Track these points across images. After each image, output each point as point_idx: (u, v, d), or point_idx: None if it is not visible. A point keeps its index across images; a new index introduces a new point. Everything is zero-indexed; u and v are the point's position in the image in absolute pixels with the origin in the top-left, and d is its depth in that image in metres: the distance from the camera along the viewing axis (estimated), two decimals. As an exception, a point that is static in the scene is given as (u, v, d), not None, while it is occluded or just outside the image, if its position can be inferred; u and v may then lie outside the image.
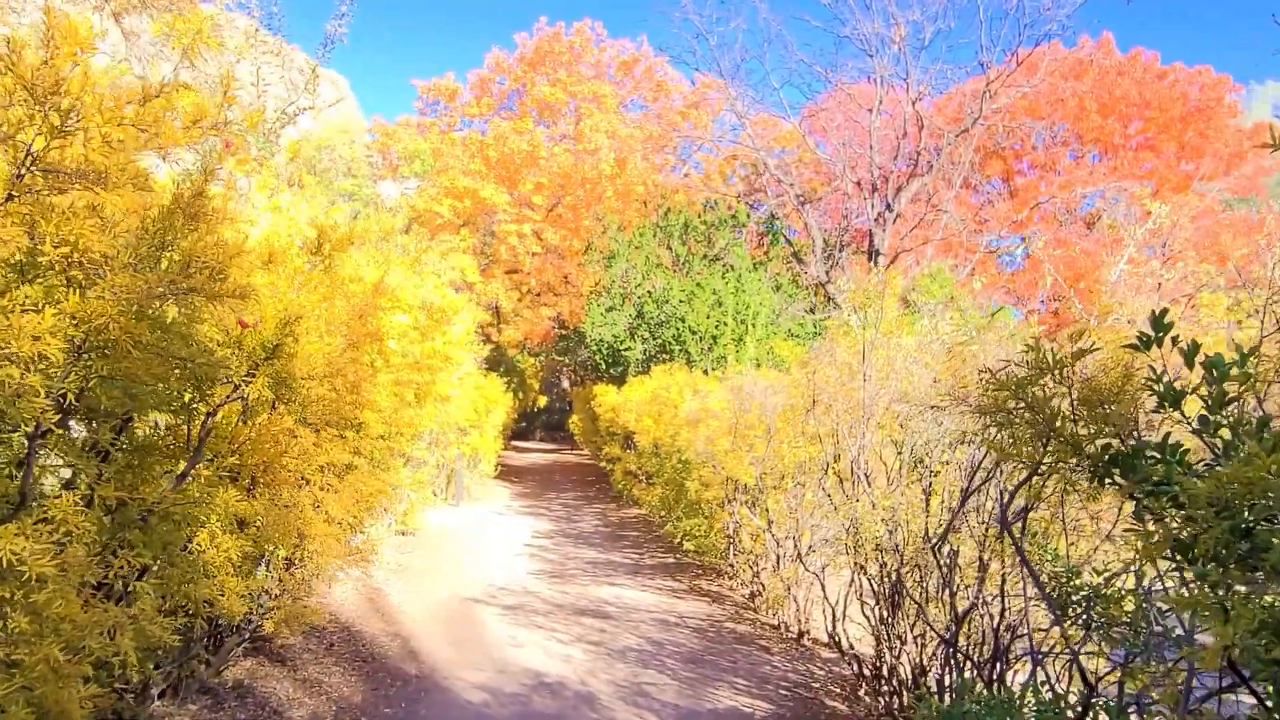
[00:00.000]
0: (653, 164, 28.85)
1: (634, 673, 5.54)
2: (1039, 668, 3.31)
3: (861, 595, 4.98)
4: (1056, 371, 1.88)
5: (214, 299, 1.98)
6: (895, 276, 4.75)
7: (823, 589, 5.78)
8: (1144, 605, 2.74)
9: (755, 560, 7.33)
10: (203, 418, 2.66)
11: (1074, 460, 1.91)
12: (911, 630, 4.32)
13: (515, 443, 33.12)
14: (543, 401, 41.11)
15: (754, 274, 16.55)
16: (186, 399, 2.61)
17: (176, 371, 2.15)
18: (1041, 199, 22.54)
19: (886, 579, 4.44)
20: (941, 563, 3.82)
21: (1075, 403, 1.88)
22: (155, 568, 2.64)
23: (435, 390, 6.41)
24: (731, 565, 8.35)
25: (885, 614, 4.52)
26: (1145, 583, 2.91)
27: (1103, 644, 2.89)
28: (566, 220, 25.37)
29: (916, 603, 4.13)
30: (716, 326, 15.45)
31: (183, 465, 2.91)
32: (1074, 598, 2.93)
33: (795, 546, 6.51)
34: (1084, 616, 2.91)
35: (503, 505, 14.56)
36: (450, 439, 10.92)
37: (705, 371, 13.00)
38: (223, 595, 2.94)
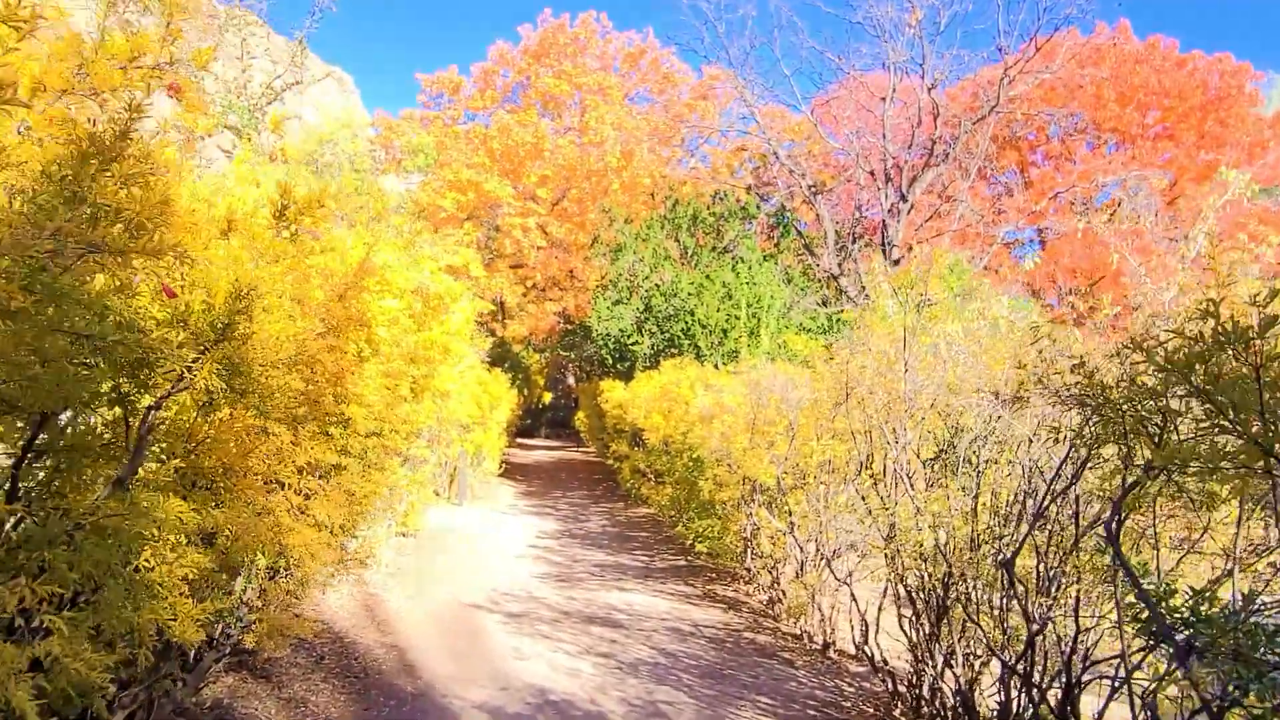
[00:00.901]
0: (659, 156, 28.39)
1: (648, 689, 5.11)
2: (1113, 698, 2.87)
3: (900, 605, 4.54)
4: (1238, 346, 1.45)
5: (123, 256, 1.56)
6: (941, 254, 4.29)
7: (852, 597, 5.33)
8: (1259, 629, 2.30)
9: (775, 565, 6.90)
10: (143, 412, 2.24)
11: (1261, 463, 1.48)
12: (959, 647, 3.88)
13: (520, 440, 32.73)
14: (548, 398, 40.72)
15: (765, 266, 16.09)
16: (124, 389, 2.19)
17: (89, 353, 1.74)
18: (1059, 189, 21.98)
19: (930, 590, 4.00)
20: (1002, 576, 3.38)
21: (1267, 385, 1.44)
22: (87, 593, 2.22)
23: (433, 385, 5.98)
24: (748, 569, 7.91)
25: (928, 628, 4.08)
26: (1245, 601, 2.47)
27: (1202, 671, 2.45)
28: (572, 214, 24.94)
29: (969, 618, 3.69)
30: (727, 320, 15.01)
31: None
32: (1171, 618, 2.49)
33: (819, 551, 6.07)
34: (1184, 640, 2.46)
35: (507, 505, 14.15)
36: (452, 436, 10.51)
37: (716, 366, 12.55)
38: (175, 620, 2.51)
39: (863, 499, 4.59)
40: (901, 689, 4.75)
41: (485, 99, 31.97)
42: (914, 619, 4.26)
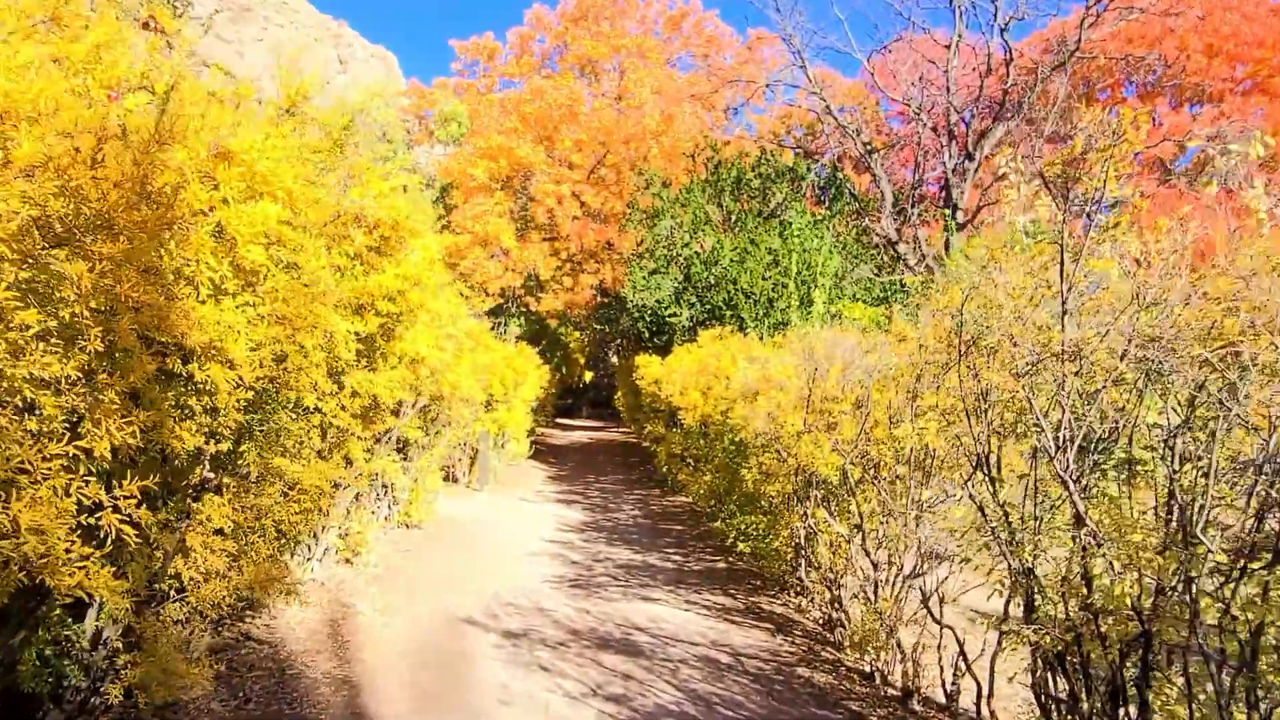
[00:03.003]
0: (702, 122, 26.75)
1: (668, 757, 3.79)
2: None
3: (1048, 668, 3.10)
4: None
5: None
6: (1136, 120, 2.86)
7: (960, 649, 3.92)
8: None
9: (835, 578, 5.49)
10: None
11: None
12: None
13: (560, 420, 31.75)
14: (589, 377, 39.68)
15: (816, 231, 14.53)
16: None
17: None
18: (1146, 146, 19.87)
19: (1098, 658, 2.58)
20: (1247, 648, 1.96)
21: None
22: None
23: (400, 348, 4.69)
24: (800, 579, 6.53)
25: (1089, 708, 2.66)
26: None
27: None
28: (609, 181, 23.50)
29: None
30: (774, 289, 13.52)
31: None
32: None
33: (896, 564, 4.67)
34: None
35: (532, 491, 12.94)
36: (461, 415, 9.27)
37: (760, 338, 11.11)
38: None
39: (981, 510, 3.15)
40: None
41: (521, 65, 30.65)
42: (1066, 697, 2.84)
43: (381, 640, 5.29)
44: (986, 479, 3.09)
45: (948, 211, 15.48)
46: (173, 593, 3.53)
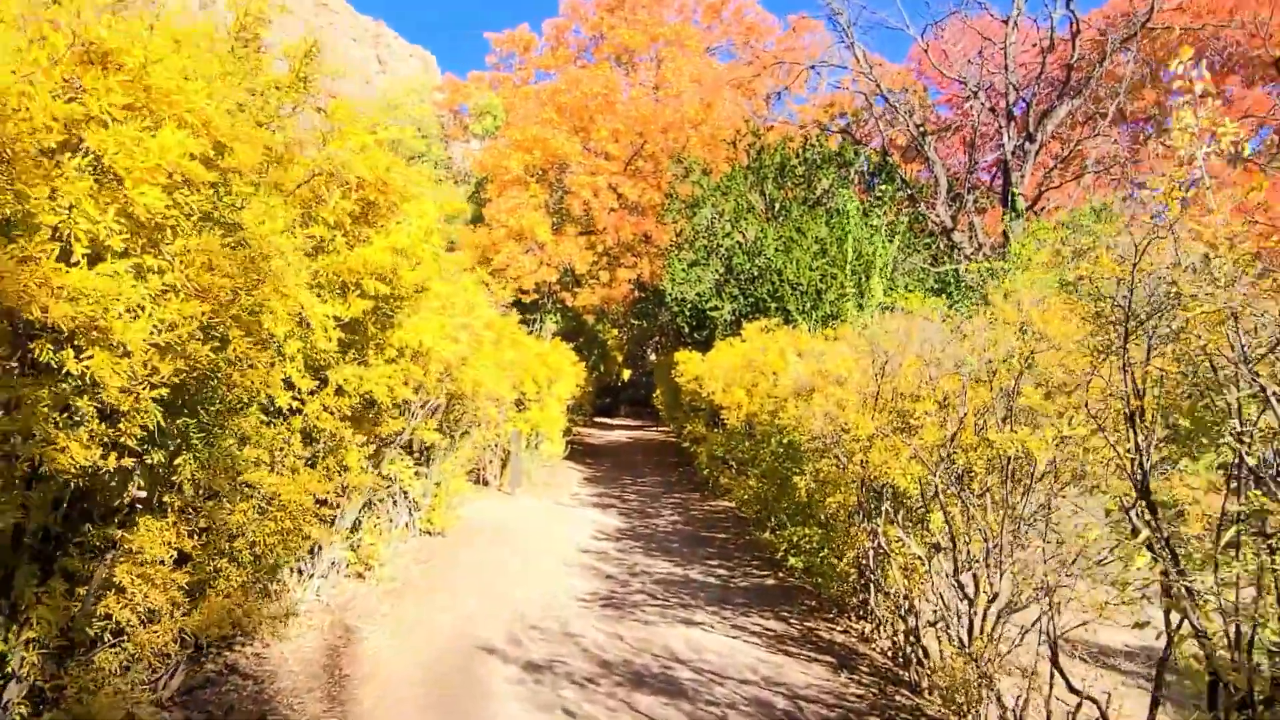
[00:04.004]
0: (742, 110, 25.86)
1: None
2: None
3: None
4: None
5: None
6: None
7: (1101, 712, 3.11)
8: None
9: (909, 605, 4.69)
10: None
11: None
12: None
13: (598, 419, 31.11)
14: (627, 375, 39.06)
15: (867, 219, 13.64)
16: None
17: None
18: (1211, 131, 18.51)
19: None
20: None
21: None
22: None
23: (398, 337, 4.02)
24: (864, 602, 5.74)
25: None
26: None
27: None
28: (645, 173, 22.77)
29: None
30: (822, 279, 12.66)
31: None
32: None
33: (989, 593, 3.88)
34: None
35: (567, 494, 12.27)
36: (488, 414, 8.63)
37: (810, 331, 10.29)
38: None
39: (1151, 548, 2.33)
40: None
41: (557, 57, 30.04)
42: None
43: (386, 673, 4.64)
44: (1144, 505, 2.30)
45: (1018, 193, 14.45)
46: (109, 636, 2.90)
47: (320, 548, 5.57)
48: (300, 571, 5.52)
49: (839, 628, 5.78)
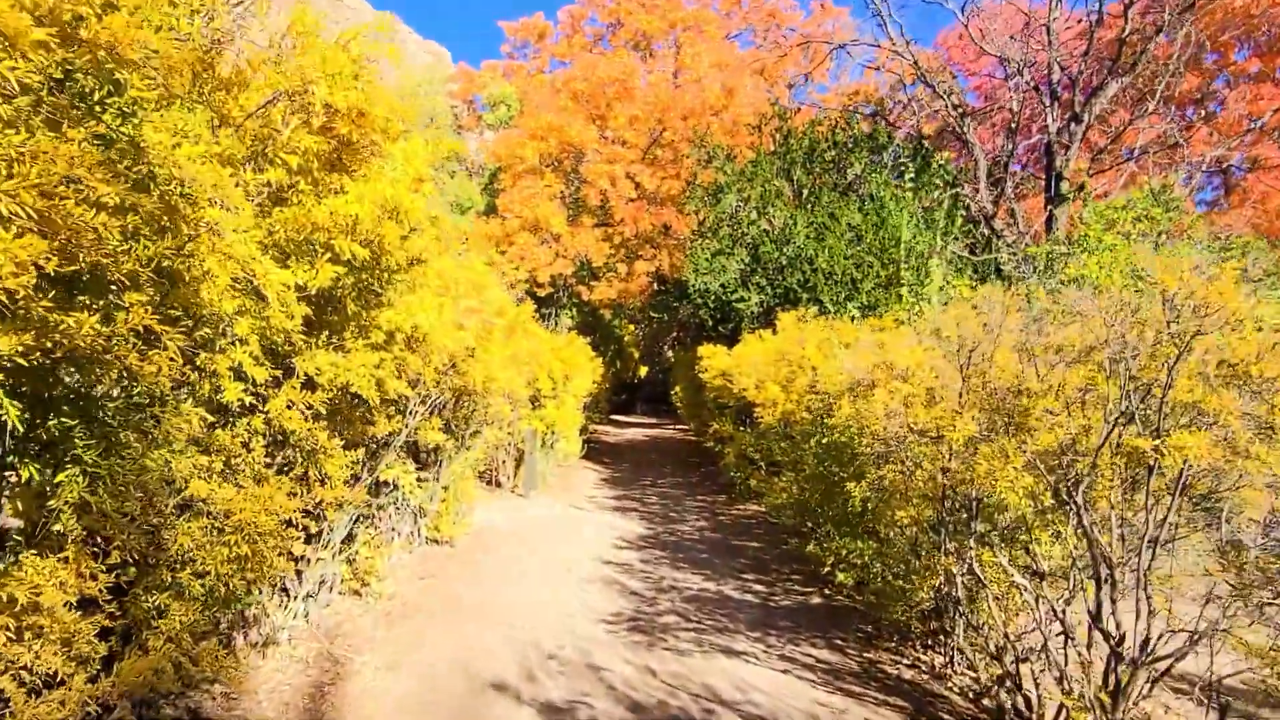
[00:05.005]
0: (765, 97, 25.00)
1: None
2: None
3: None
4: None
5: None
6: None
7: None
8: None
9: (1007, 643, 3.89)
10: None
11: None
12: None
13: (614, 416, 30.40)
14: (644, 372, 38.38)
15: (903, 204, 12.80)
16: None
17: None
18: (1261, 116, 17.59)
19: None
20: None
21: None
22: None
23: (387, 317, 3.27)
24: (936, 631, 4.94)
25: None
26: None
27: None
28: (664, 161, 21.96)
29: None
30: (857, 268, 11.84)
31: None
32: None
33: (1119, 641, 3.10)
34: None
35: (584, 496, 11.53)
36: (500, 412, 7.89)
37: (854, 321, 9.48)
38: None
39: None
40: None
41: (572, 45, 29.26)
42: None
43: (377, 717, 3.91)
44: None
45: (1065, 176, 13.55)
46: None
47: (307, 562, 4.85)
48: (286, 591, 4.80)
49: (905, 660, 4.99)
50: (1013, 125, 16.33)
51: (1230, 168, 23.38)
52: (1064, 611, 3.57)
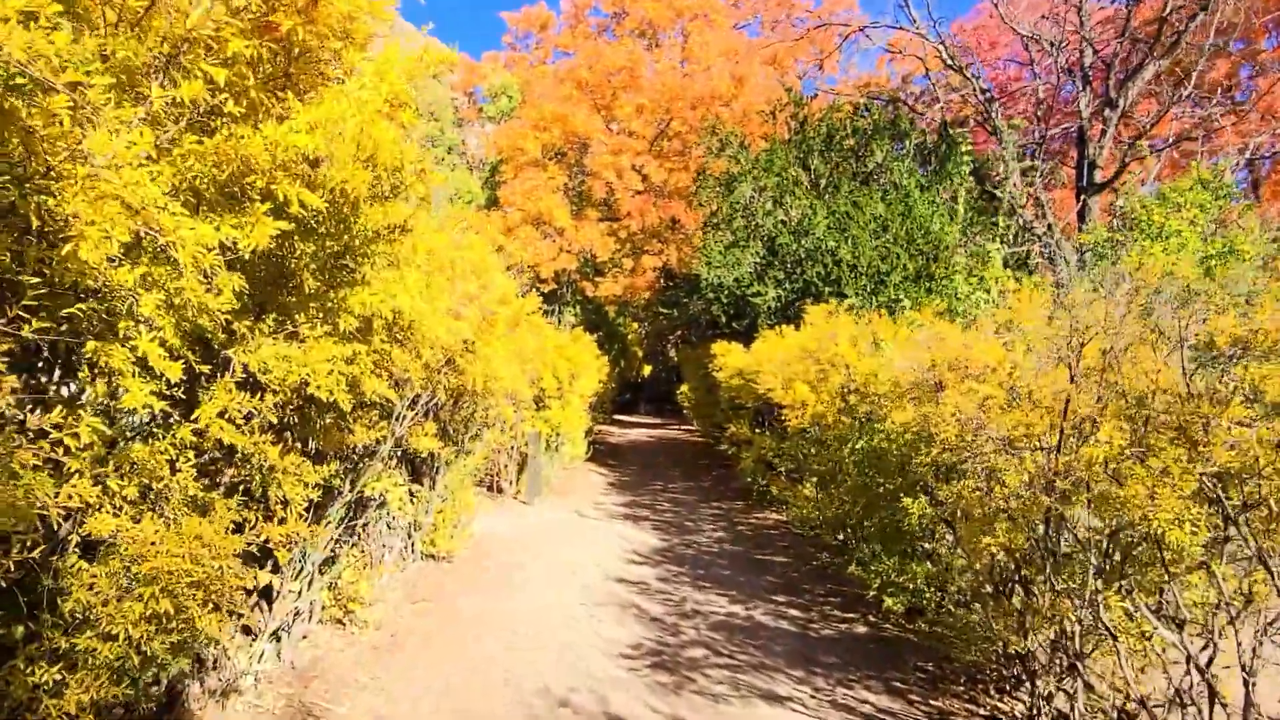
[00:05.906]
0: (776, 87, 24.24)
1: None
2: None
3: None
4: None
5: None
6: None
7: None
8: None
9: (1143, 707, 3.14)
10: None
11: None
12: None
13: (618, 416, 29.74)
14: (648, 371, 37.67)
15: (928, 194, 12.07)
16: None
17: None
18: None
19: None
20: None
21: None
22: None
23: (359, 299, 2.53)
24: (1018, 676, 4.20)
25: None
26: None
27: None
28: (672, 153, 21.21)
29: None
30: (883, 260, 11.11)
31: None
32: None
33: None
34: None
35: (591, 502, 10.81)
36: (502, 413, 7.17)
37: (884, 315, 8.73)
38: None
39: None
40: None
41: (576, 35, 28.45)
42: None
43: (352, 797, 3.18)
44: None
45: (1098, 165, 12.81)
46: None
47: (276, 595, 4.12)
48: (247, 630, 4.07)
49: (981, 710, 4.25)
50: (1038, 113, 15.59)
51: (1259, 159, 22.60)
52: (1208, 667, 2.85)
